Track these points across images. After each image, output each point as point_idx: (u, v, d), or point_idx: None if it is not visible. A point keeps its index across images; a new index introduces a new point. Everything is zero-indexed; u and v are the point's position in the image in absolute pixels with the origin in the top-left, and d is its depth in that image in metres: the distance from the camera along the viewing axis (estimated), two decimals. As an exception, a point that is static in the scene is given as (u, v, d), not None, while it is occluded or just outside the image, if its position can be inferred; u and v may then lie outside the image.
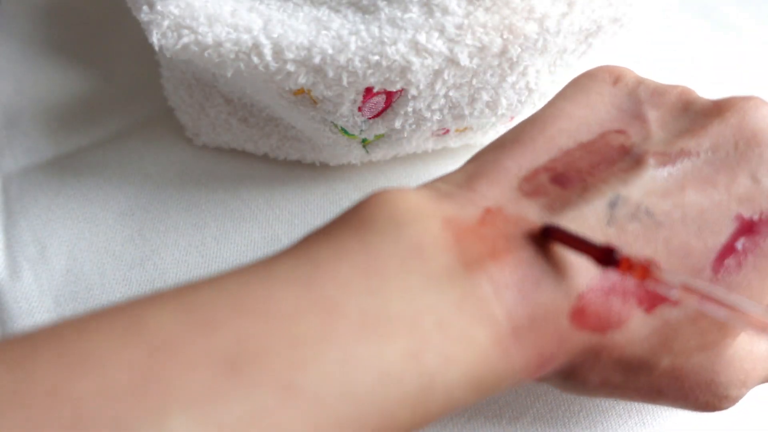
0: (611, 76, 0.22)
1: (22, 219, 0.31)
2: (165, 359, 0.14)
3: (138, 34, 0.28)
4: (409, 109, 0.26)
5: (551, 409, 0.25)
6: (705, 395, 0.20)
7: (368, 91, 0.25)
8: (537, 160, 0.20)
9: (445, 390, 0.16)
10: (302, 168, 0.32)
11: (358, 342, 0.15)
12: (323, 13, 0.25)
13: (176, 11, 0.24)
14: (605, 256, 0.17)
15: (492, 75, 0.26)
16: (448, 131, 0.29)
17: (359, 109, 0.26)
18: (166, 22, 0.24)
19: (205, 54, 0.24)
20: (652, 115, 0.21)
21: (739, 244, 0.19)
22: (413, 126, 0.28)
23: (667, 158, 0.19)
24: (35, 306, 0.28)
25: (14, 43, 0.37)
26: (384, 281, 0.16)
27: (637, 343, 0.18)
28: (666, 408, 0.26)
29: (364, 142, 0.29)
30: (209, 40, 0.24)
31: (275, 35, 0.24)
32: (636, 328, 0.18)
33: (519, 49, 0.25)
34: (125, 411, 0.13)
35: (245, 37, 0.24)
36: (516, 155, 0.20)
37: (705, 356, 0.19)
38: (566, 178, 0.19)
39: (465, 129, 0.30)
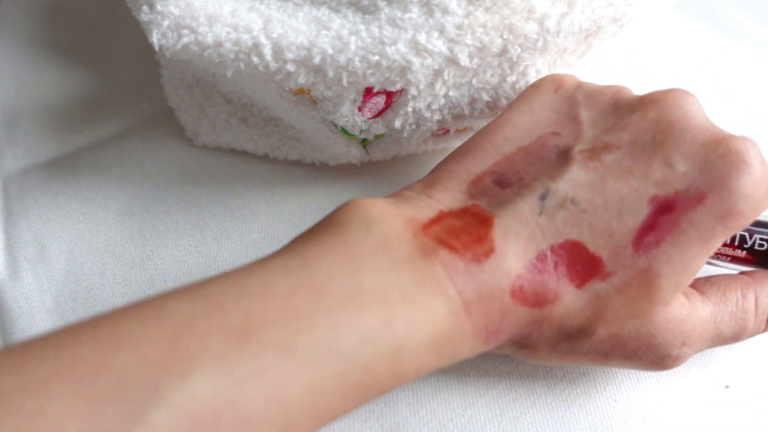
0: (553, 84, 0.24)
1: (22, 219, 0.31)
2: (185, 333, 0.17)
3: (138, 34, 0.28)
4: (409, 109, 0.26)
5: (551, 410, 0.25)
6: (648, 355, 0.22)
7: (368, 91, 0.25)
8: (483, 165, 0.23)
9: (414, 350, 0.19)
10: (302, 168, 0.32)
11: (341, 313, 0.18)
12: (323, 13, 0.25)
13: (176, 11, 0.24)
14: None
15: (492, 75, 0.26)
16: (448, 131, 0.29)
17: (359, 109, 0.26)
18: (166, 22, 0.24)
19: (205, 54, 0.24)
20: (584, 116, 0.23)
21: (658, 223, 0.21)
22: (413, 126, 0.28)
23: (592, 153, 0.22)
24: (35, 306, 0.28)
25: (14, 43, 0.37)
26: (359, 266, 0.19)
27: (573, 315, 0.21)
28: (668, 408, 0.26)
29: (364, 142, 0.29)
30: (209, 40, 0.24)
31: (275, 35, 0.24)
32: (570, 301, 0.21)
33: (519, 49, 0.25)
34: (157, 375, 0.16)
35: (245, 37, 0.24)
36: (466, 163, 0.23)
37: (638, 323, 0.21)
38: (506, 179, 0.22)
39: (465, 129, 0.30)
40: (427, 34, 0.24)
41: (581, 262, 0.21)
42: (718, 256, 0.25)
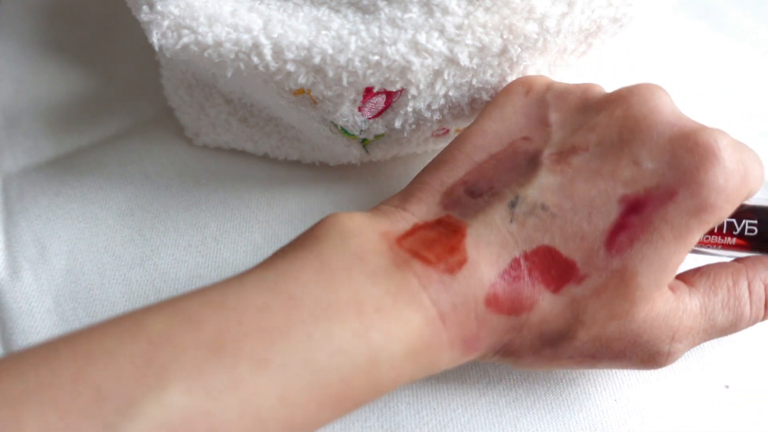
0: (524, 87, 0.24)
1: (22, 219, 0.31)
2: (160, 348, 0.17)
3: (138, 34, 0.28)
4: (409, 109, 0.26)
5: (551, 410, 0.25)
6: (636, 354, 0.22)
7: (368, 91, 0.25)
8: (455, 175, 0.23)
9: (390, 361, 0.19)
10: (302, 168, 0.32)
11: (316, 326, 0.18)
12: (323, 13, 0.25)
13: (176, 11, 0.24)
14: None
15: (492, 75, 0.26)
16: (448, 131, 0.29)
17: (359, 109, 0.26)
18: (166, 22, 0.24)
19: (205, 54, 0.24)
20: (554, 118, 0.23)
21: (630, 222, 0.21)
22: (413, 126, 0.28)
23: (560, 157, 0.22)
24: (35, 306, 0.28)
25: (14, 43, 0.37)
26: (333, 278, 0.20)
27: (551, 320, 0.21)
28: (668, 409, 0.26)
29: (364, 142, 0.29)
30: (209, 40, 0.24)
31: (275, 35, 0.24)
32: (547, 307, 0.21)
33: (519, 49, 0.25)
34: (133, 389, 0.16)
35: (245, 37, 0.24)
36: (439, 174, 0.23)
37: (620, 323, 0.21)
38: (477, 188, 0.22)
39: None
40: (427, 34, 0.24)
41: (555, 267, 0.21)
42: (708, 245, 0.25)
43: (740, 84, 0.35)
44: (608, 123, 0.22)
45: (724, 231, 0.24)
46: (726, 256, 0.25)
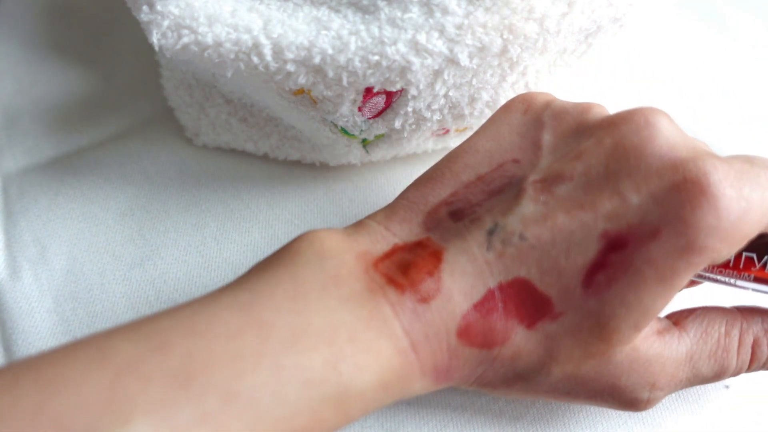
0: (523, 104, 0.23)
1: (22, 219, 0.31)
2: (126, 377, 0.16)
3: (138, 34, 0.28)
4: (409, 109, 0.26)
5: (551, 410, 0.25)
6: (614, 398, 0.21)
7: (368, 91, 0.25)
8: (440, 194, 0.22)
9: (360, 392, 0.19)
10: (302, 168, 0.32)
11: (287, 354, 0.18)
12: (323, 13, 0.25)
13: (176, 11, 0.24)
14: None
15: (492, 75, 0.26)
16: (448, 131, 0.29)
17: (359, 109, 0.26)
18: (166, 22, 0.24)
19: (205, 54, 0.24)
20: (546, 140, 0.22)
21: (609, 260, 0.19)
22: (413, 126, 0.28)
23: (544, 185, 0.20)
24: (35, 306, 0.28)
25: (14, 43, 0.37)
26: (307, 303, 0.19)
27: (524, 356, 0.20)
28: (666, 409, 0.26)
29: (364, 142, 0.29)
30: (209, 40, 0.24)
31: (275, 35, 0.24)
32: (520, 342, 0.20)
33: (519, 49, 0.25)
34: (97, 422, 0.16)
35: (245, 37, 0.24)
36: (425, 192, 0.22)
37: (595, 363, 0.20)
38: (460, 211, 0.21)
39: (465, 129, 0.30)
40: (427, 34, 0.24)
41: (530, 302, 0.20)
42: (719, 279, 0.22)
43: (740, 84, 0.35)
44: (595, 151, 0.20)
45: (741, 266, 0.22)
46: (751, 289, 0.23)
